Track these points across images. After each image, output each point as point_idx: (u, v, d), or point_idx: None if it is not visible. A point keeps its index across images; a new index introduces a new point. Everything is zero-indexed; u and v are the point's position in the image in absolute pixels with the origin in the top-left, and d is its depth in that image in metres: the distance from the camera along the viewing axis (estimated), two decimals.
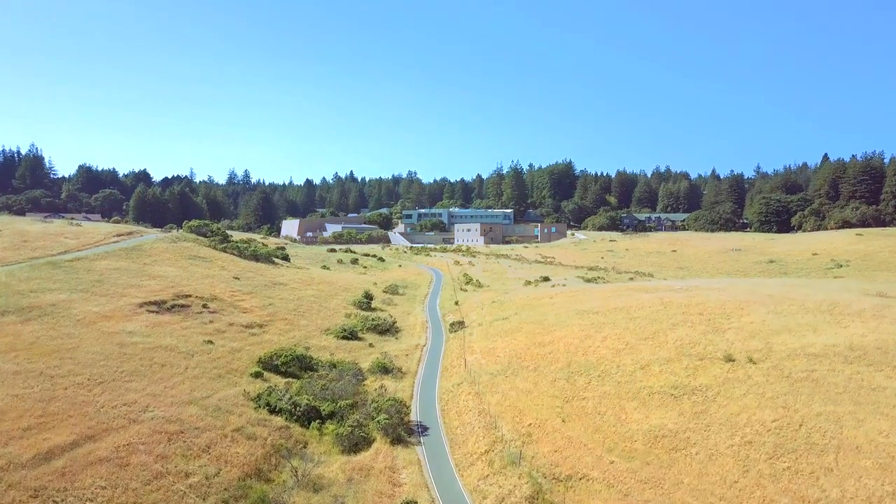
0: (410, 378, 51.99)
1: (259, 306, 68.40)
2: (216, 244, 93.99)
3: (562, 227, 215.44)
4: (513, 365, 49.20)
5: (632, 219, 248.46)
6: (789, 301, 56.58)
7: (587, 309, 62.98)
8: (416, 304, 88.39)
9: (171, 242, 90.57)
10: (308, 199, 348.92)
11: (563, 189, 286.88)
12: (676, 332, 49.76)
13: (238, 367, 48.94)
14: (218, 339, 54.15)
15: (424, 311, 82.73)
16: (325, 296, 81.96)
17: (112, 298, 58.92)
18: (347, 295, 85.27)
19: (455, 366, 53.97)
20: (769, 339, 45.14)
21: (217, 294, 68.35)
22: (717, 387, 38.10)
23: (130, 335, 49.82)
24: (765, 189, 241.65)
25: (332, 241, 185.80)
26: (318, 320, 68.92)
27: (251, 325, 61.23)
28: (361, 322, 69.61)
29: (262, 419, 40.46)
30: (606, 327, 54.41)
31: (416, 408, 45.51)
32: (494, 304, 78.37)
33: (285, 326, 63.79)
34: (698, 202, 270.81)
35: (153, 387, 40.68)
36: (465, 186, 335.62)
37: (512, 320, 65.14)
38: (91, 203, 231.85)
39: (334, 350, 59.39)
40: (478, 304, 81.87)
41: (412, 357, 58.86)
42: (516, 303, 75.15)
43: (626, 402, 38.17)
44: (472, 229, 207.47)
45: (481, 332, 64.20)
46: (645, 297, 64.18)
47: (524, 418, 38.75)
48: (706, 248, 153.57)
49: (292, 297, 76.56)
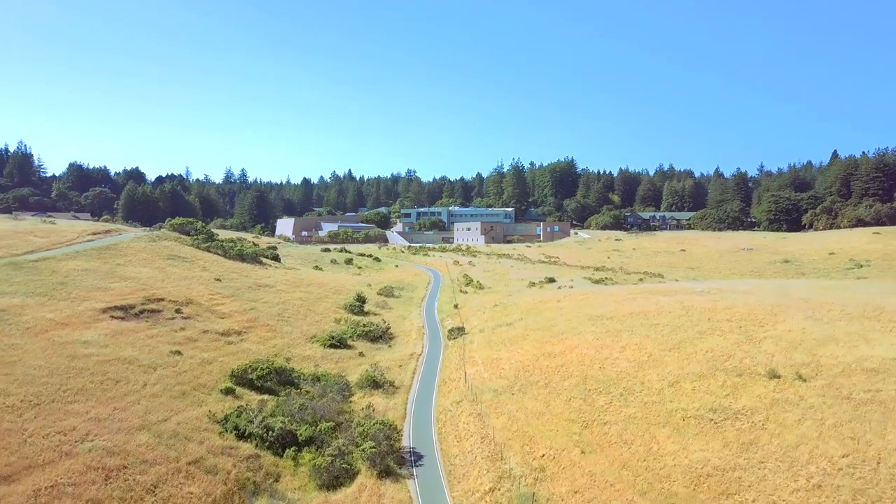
0: (403, 393, 46.00)
1: (239, 311, 62.43)
2: (199, 243, 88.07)
3: (565, 225, 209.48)
4: (520, 380, 43.21)
5: (636, 217, 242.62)
6: (827, 306, 50.57)
7: (600, 314, 57.04)
8: (412, 307, 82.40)
9: (149, 241, 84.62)
10: (305, 199, 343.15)
11: (565, 187, 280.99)
12: (706, 342, 43.80)
13: (207, 382, 42.95)
14: (188, 349, 48.19)
15: (421, 315, 76.75)
16: (313, 299, 75.96)
17: (72, 303, 52.95)
18: (338, 298, 79.27)
19: (454, 379, 47.97)
20: (815, 352, 39.15)
21: (193, 297, 62.38)
22: (764, 410, 32.12)
23: (85, 345, 43.85)
24: (772, 187, 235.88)
25: (327, 241, 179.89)
26: (304, 326, 62.92)
27: (228, 332, 55.24)
28: (352, 328, 63.65)
29: (228, 447, 34.44)
30: (624, 335, 48.45)
31: (408, 430, 39.52)
32: (497, 307, 72.40)
33: (267, 334, 57.79)
34: (703, 201, 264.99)
35: (100, 409, 34.71)
36: (465, 185, 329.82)
37: (517, 326, 59.17)
38: (81, 202, 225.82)
39: (320, 360, 53.38)
40: (479, 307, 75.91)
41: (406, 368, 52.87)
42: (521, 306, 69.19)
43: (656, 429, 32.17)
44: (473, 228, 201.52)
45: (483, 339, 58.22)
46: (663, 301, 58.23)
47: (536, 447, 32.76)
48: (716, 248, 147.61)
49: (277, 301, 70.57)
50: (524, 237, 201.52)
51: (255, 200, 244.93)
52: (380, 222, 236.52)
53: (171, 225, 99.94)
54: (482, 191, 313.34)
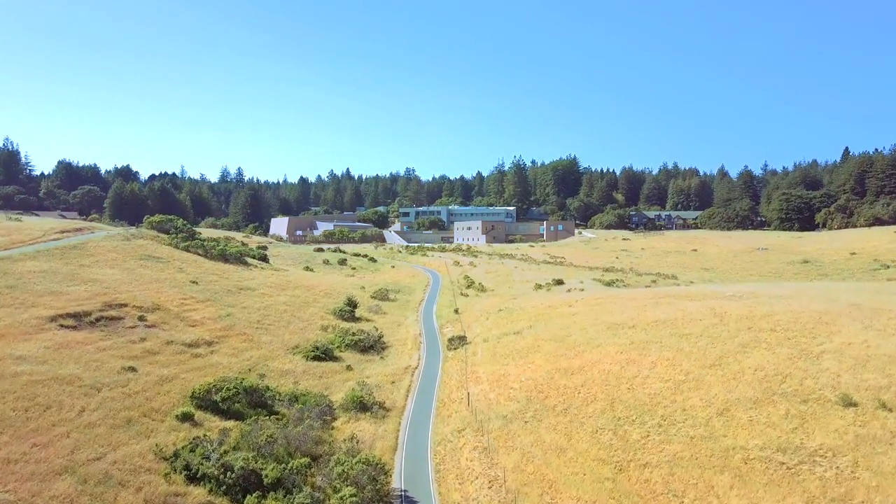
0: (396, 418, 39.16)
1: (213, 317, 55.59)
2: (178, 243, 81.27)
3: (569, 224, 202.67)
4: (533, 403, 36.41)
5: (641, 216, 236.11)
6: (884, 313, 43.79)
7: (620, 322, 50.28)
8: (408, 312, 75.56)
9: (123, 241, 77.79)
10: (302, 198, 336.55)
11: (568, 186, 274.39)
12: (752, 357, 37.06)
13: (161, 406, 36.12)
14: (144, 365, 41.37)
15: (418, 321, 69.93)
16: (299, 303, 69.12)
17: (16, 310, 46.10)
18: (328, 302, 72.43)
19: (455, 400, 41.15)
20: (891, 371, 32.42)
21: (162, 302, 55.56)
22: (848, 450, 25.38)
23: (18, 361, 37.00)
24: (781, 185, 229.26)
25: (322, 241, 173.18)
26: (286, 335, 56.07)
27: (197, 342, 48.39)
28: (340, 337, 56.83)
29: (173, 494, 27.61)
30: (652, 348, 41.70)
31: (399, 466, 32.70)
32: (502, 313, 65.60)
33: (242, 344, 50.94)
34: (709, 199, 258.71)
35: (15, 445, 27.89)
36: (464, 184, 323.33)
37: (526, 336, 52.37)
38: (69, 200, 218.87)
39: (300, 376, 46.53)
40: (482, 312, 69.13)
41: (400, 385, 46.05)
42: (529, 312, 62.40)
43: (712, 475, 25.38)
44: (473, 227, 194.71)
45: (488, 350, 51.40)
46: (691, 307, 51.45)
47: (559, 498, 25.96)
48: (729, 248, 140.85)
49: (259, 306, 63.74)
50: (527, 237, 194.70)
51: (248, 199, 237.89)
52: (377, 222, 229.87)
53: (149, 223, 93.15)
54: (482, 190, 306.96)
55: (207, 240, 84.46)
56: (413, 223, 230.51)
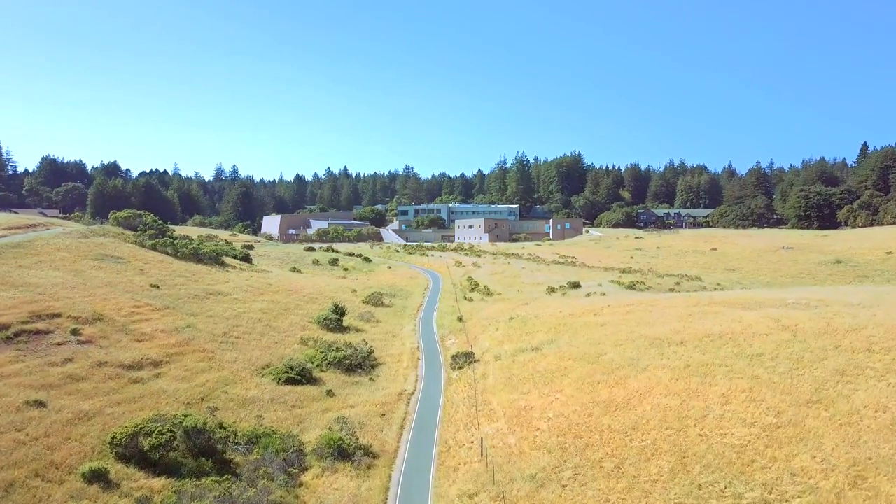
0: (384, 469, 29.65)
1: (168, 329, 46.05)
2: (145, 240, 71.81)
3: (577, 222, 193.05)
4: (570, 454, 26.91)
5: (650, 214, 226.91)
6: None
7: (663, 336, 40.85)
8: (405, 319, 66.07)
9: (80, 238, 68.28)
10: (298, 196, 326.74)
11: (572, 183, 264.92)
12: (862, 391, 27.65)
13: (66, 459, 26.65)
14: (60, 396, 31.90)
15: (416, 330, 60.46)
16: (278, 310, 59.64)
17: None
18: (312, 308, 62.94)
19: (463, 444, 31.63)
20: None
21: (106, 311, 46.05)
22: None
23: None
24: (797, 182, 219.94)
25: (315, 239, 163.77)
26: (256, 351, 46.56)
27: (139, 363, 38.89)
28: (321, 352, 47.34)
29: None
30: (718, 375, 32.26)
31: None
32: (514, 321, 56.12)
33: (198, 364, 41.42)
34: (719, 197, 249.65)
35: None
36: (465, 182, 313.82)
37: (547, 353, 42.88)
38: (53, 197, 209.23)
39: (266, 406, 37.01)
40: (490, 320, 59.68)
41: (391, 418, 36.56)
42: (546, 321, 52.91)
43: None
44: (476, 226, 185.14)
45: (501, 371, 41.92)
46: (749, 318, 41.97)
47: None
48: (750, 246, 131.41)
49: (228, 314, 54.24)
50: (532, 235, 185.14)
51: (239, 197, 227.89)
52: (374, 220, 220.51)
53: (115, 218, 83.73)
54: (483, 188, 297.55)
55: (179, 238, 75.02)
56: (412, 221, 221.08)
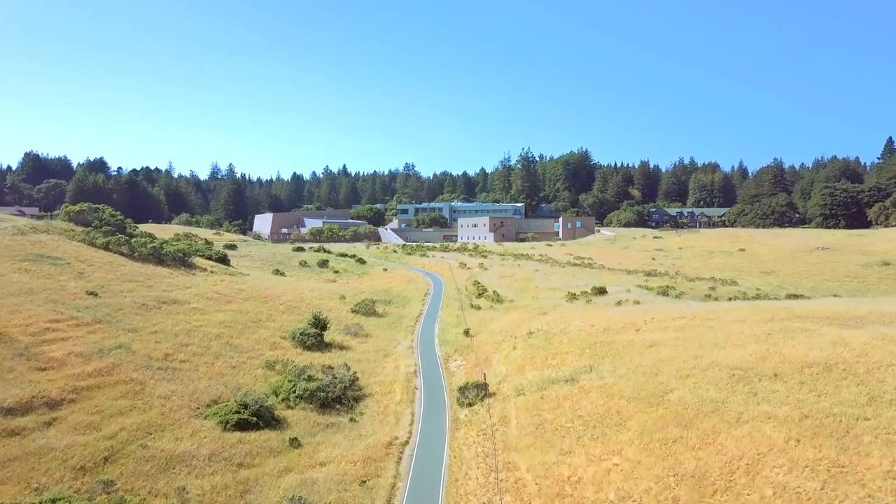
0: None
1: (88, 353, 35.16)
2: (96, 238, 61.03)
3: (589, 221, 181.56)
4: None
5: (662, 213, 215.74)
6: None
7: (743, 364, 30.02)
8: (400, 333, 55.20)
9: (13, 235, 57.52)
10: (295, 195, 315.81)
11: (580, 181, 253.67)
12: None
13: None
14: None
15: (413, 348, 49.53)
16: (245, 323, 48.73)
17: None
18: (287, 320, 52.05)
19: None
20: None
21: (9, 328, 35.25)
22: None
23: None
24: (817, 179, 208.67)
25: (308, 239, 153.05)
26: (204, 381, 35.64)
27: (28, 404, 28.05)
28: (291, 381, 36.46)
29: None
30: (860, 432, 21.47)
31: None
32: (534, 338, 45.16)
33: (117, 402, 30.53)
34: (732, 196, 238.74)
35: None
36: (467, 181, 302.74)
37: (587, 385, 31.96)
38: (34, 195, 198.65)
39: (201, 468, 26.07)
40: (503, 335, 48.77)
41: (375, 489, 25.65)
42: (575, 337, 41.95)
43: None
44: (480, 224, 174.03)
45: (527, 414, 31.01)
46: (857, 340, 31.06)
47: None
48: (781, 246, 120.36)
49: (179, 329, 43.34)
50: (540, 235, 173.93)
51: (231, 195, 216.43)
52: (373, 219, 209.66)
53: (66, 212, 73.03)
54: (486, 186, 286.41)
55: (139, 235, 64.21)
56: (412, 220, 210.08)
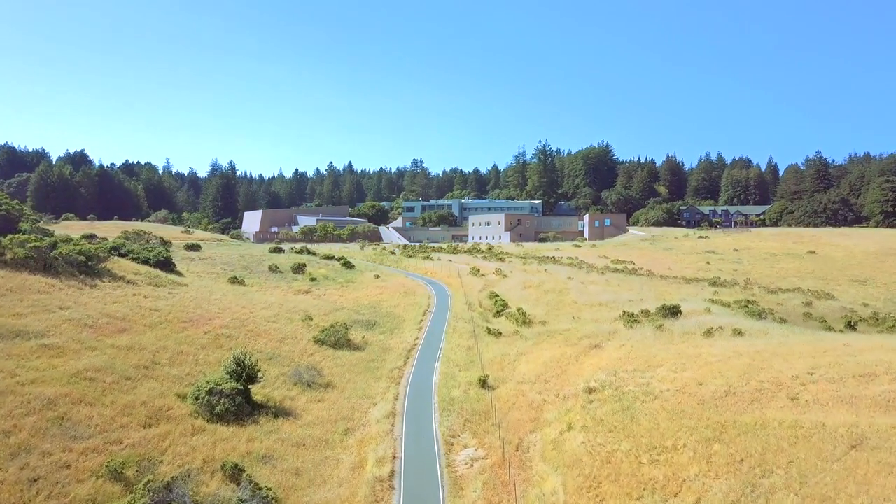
0: None
1: None
2: None
3: (619, 219, 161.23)
4: None
5: (694, 211, 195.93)
6: None
7: None
8: (378, 382, 36.25)
9: None
10: (297, 193, 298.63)
11: (601, 177, 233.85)
12: None
13: None
14: None
15: (395, 418, 30.54)
16: (123, 371, 29.92)
17: None
18: (207, 360, 33.17)
19: None
20: None
21: None
22: None
23: None
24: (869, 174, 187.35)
25: (299, 238, 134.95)
26: None
27: None
28: None
29: None
30: None
31: None
32: (599, 402, 26.04)
33: None
34: (767, 193, 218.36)
35: None
36: (479, 177, 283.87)
37: None
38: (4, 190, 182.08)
39: None
40: (545, 391, 29.77)
41: None
42: (676, 409, 22.72)
43: None
44: (494, 223, 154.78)
45: None
46: None
47: None
48: (859, 249, 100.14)
49: None
50: (562, 234, 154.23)
51: (219, 190, 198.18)
52: (376, 217, 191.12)
53: None
54: (499, 183, 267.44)
55: (15, 236, 46.04)
56: (418, 218, 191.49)
